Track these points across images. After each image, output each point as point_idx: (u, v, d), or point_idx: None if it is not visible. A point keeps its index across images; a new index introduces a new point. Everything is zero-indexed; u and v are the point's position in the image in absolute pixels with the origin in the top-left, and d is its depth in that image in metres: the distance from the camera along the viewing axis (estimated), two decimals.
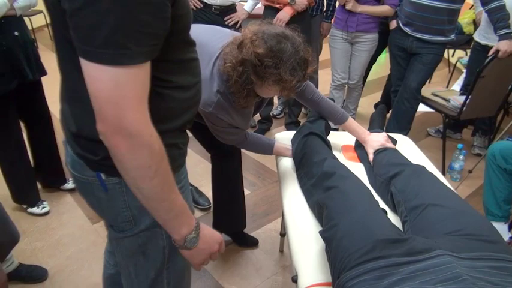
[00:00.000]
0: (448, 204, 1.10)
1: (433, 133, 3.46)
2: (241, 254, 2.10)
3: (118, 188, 0.88)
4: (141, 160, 0.74)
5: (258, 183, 2.71)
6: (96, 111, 0.71)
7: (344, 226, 1.04)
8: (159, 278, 1.03)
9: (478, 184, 2.72)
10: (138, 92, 0.71)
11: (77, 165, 0.90)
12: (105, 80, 0.67)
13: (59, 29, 0.76)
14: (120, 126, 0.70)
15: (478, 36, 2.95)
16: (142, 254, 0.98)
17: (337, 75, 3.06)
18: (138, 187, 0.78)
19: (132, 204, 0.90)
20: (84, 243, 2.10)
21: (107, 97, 0.68)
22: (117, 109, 0.69)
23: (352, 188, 1.22)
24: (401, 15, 2.74)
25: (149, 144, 0.73)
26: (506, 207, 2.13)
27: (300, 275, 1.15)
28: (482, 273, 0.84)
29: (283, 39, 1.25)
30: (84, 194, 0.95)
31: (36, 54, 2.05)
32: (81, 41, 0.67)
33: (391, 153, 1.51)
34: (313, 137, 1.59)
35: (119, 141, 0.71)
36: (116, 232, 0.97)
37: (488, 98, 2.71)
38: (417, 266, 0.85)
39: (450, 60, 4.93)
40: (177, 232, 0.87)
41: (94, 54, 0.66)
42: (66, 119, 0.89)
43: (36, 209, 2.26)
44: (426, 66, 2.76)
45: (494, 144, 2.13)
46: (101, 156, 0.83)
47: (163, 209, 0.82)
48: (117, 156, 0.74)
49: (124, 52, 0.66)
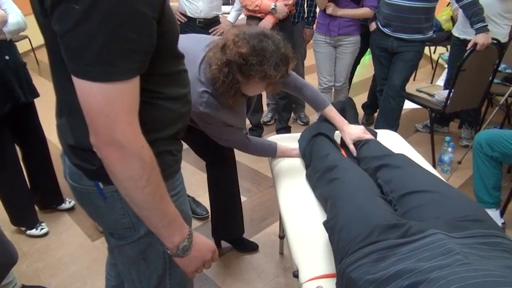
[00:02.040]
0: (434, 189, 1.14)
1: (421, 128, 3.53)
2: (242, 259, 2.12)
3: (116, 195, 0.90)
4: (132, 170, 0.77)
5: (253, 190, 2.74)
6: (89, 125, 0.75)
7: (344, 216, 1.09)
8: (162, 284, 1.05)
9: (468, 174, 2.78)
10: (128, 106, 0.74)
11: (75, 176, 0.93)
12: (95, 95, 0.71)
13: (53, 48, 0.79)
14: (112, 138, 0.74)
15: (456, 31, 3.05)
16: (143, 260, 1.01)
17: (323, 79, 3.13)
18: (130, 196, 0.81)
19: (130, 211, 0.92)
20: (85, 261, 2.11)
21: (98, 111, 0.72)
22: (108, 122, 0.73)
23: (352, 179, 1.28)
24: (380, 16, 2.83)
25: (140, 155, 0.77)
26: (497, 194, 2.19)
27: (300, 270, 1.18)
28: (473, 248, 0.88)
29: (264, 38, 1.32)
30: (83, 203, 0.98)
31: (28, 76, 2.09)
32: (72, 59, 0.71)
33: (372, 145, 1.57)
34: (320, 137, 1.65)
35: (111, 152, 0.75)
36: (116, 240, 1.00)
37: (471, 90, 2.79)
38: (412, 246, 0.90)
39: (432, 57, 5.04)
40: (170, 240, 0.89)
41: (84, 72, 0.70)
42: (63, 133, 0.92)
43: (35, 230, 2.27)
44: (408, 63, 2.84)
45: (480, 134, 2.19)
46: (98, 166, 0.86)
47: (155, 218, 0.85)
48: (110, 167, 0.77)
49: (112, 69, 0.70)
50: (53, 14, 0.69)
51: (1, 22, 1.89)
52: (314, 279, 1.13)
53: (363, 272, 0.89)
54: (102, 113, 0.72)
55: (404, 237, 0.94)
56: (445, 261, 0.82)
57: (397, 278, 0.82)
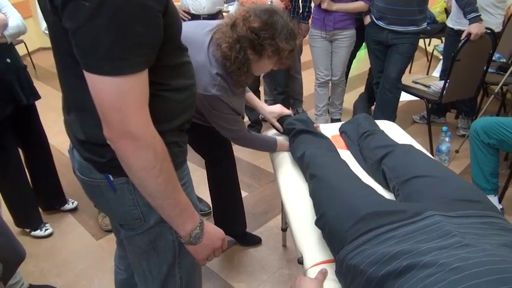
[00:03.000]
0: (434, 174, 1.17)
1: (418, 120, 3.57)
2: (245, 252, 2.15)
3: (126, 187, 0.93)
4: (146, 161, 0.80)
5: (254, 185, 2.77)
6: (102, 118, 0.77)
7: (331, 212, 1.11)
8: (171, 273, 1.07)
9: (466, 163, 2.81)
10: (139, 98, 0.77)
11: (84, 170, 0.96)
12: (108, 89, 0.74)
13: (62, 45, 0.81)
14: (125, 131, 0.76)
15: (450, 22, 3.08)
16: (153, 249, 1.03)
17: (320, 73, 3.15)
18: (144, 186, 0.84)
19: (140, 202, 0.95)
20: (91, 260, 2.13)
21: (111, 105, 0.75)
22: (121, 115, 0.75)
23: (330, 174, 1.29)
24: (374, 10, 2.85)
25: (153, 145, 0.80)
26: (494, 180, 2.23)
27: (304, 257, 1.21)
28: (469, 228, 0.91)
29: (273, 13, 1.36)
30: (93, 196, 1.01)
31: (29, 79, 2.11)
32: (84, 55, 0.73)
33: (378, 136, 1.59)
34: (298, 137, 1.66)
35: (124, 144, 0.78)
36: (126, 231, 1.02)
37: (466, 80, 2.82)
38: (410, 228, 0.92)
39: (427, 50, 5.07)
40: (182, 228, 0.92)
41: (96, 66, 0.73)
42: (72, 128, 0.95)
43: (39, 231, 2.29)
44: (403, 55, 2.87)
45: (476, 121, 2.22)
46: (108, 158, 0.89)
47: (168, 206, 0.88)
48: (124, 158, 0.80)
49: (123, 63, 0.73)
50: (64, 12, 0.71)
51: (2, 26, 1.91)
52: (318, 264, 1.15)
53: (364, 257, 0.91)
54: (115, 106, 0.75)
55: (401, 220, 0.97)
56: (443, 243, 0.84)
57: (395, 259, 0.84)
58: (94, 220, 2.42)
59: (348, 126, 1.77)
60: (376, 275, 0.83)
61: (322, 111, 3.33)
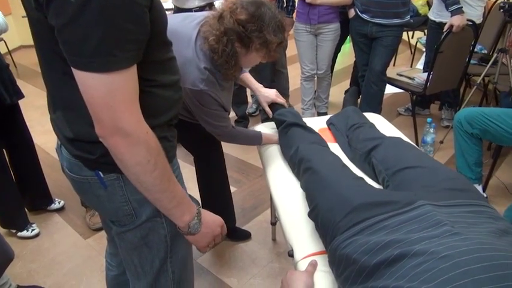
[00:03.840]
0: (423, 164, 1.19)
1: (403, 112, 3.61)
2: (235, 247, 2.16)
3: (117, 183, 0.93)
4: (139, 156, 0.80)
5: (243, 180, 2.77)
6: (93, 116, 0.77)
7: (323, 203, 1.12)
8: (163, 267, 1.07)
9: (450, 154, 2.87)
10: (129, 94, 0.77)
11: (74, 167, 0.94)
12: (97, 86, 0.73)
13: (46, 42, 0.80)
14: (117, 127, 0.76)
15: (432, 15, 3.12)
16: (145, 245, 1.02)
17: (305, 67, 3.16)
18: (140, 181, 0.84)
19: (131, 198, 0.95)
20: (79, 259, 2.11)
21: (102, 102, 0.74)
22: (112, 112, 0.75)
23: (323, 167, 1.30)
24: (358, 3, 2.87)
25: (145, 140, 0.80)
26: (478, 170, 2.27)
27: (295, 249, 1.22)
28: (459, 217, 0.92)
29: (261, 5, 1.34)
30: (84, 193, 1.00)
31: (11, 78, 2.07)
32: (72, 53, 0.72)
33: (367, 129, 1.61)
34: (290, 129, 1.66)
35: (117, 141, 0.78)
36: (118, 227, 1.01)
37: (449, 71, 2.86)
38: (401, 218, 0.93)
39: (411, 42, 5.13)
40: (181, 219, 0.93)
41: (84, 63, 0.72)
42: (59, 126, 0.93)
43: (26, 232, 2.26)
44: (387, 48, 2.89)
45: (460, 112, 2.26)
46: (98, 155, 0.88)
47: (166, 199, 0.88)
48: (118, 155, 0.80)
49: (111, 59, 0.72)
50: (49, 9, 0.70)
51: None
52: (308, 256, 1.16)
53: (356, 246, 0.92)
54: (105, 103, 0.74)
55: (392, 210, 0.98)
56: (433, 232, 0.85)
57: (387, 247, 0.86)
58: (81, 219, 2.39)
59: (337, 119, 1.78)
60: (368, 264, 0.84)
61: (308, 105, 3.34)
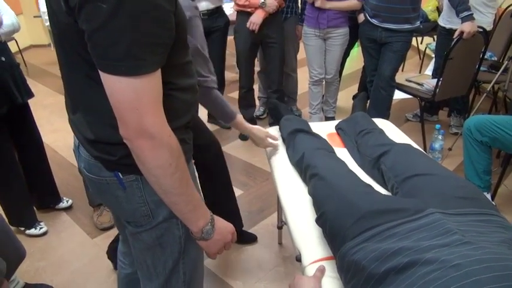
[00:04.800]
0: (433, 172, 1.19)
1: (411, 118, 3.60)
2: (242, 250, 2.16)
3: (135, 184, 0.94)
4: (162, 159, 0.82)
5: (249, 183, 2.78)
6: (119, 118, 0.79)
7: (331, 211, 1.12)
8: (175, 268, 1.08)
9: (459, 161, 2.85)
10: (155, 97, 0.79)
11: (93, 168, 0.96)
12: (124, 89, 0.75)
13: (72, 46, 0.82)
14: (142, 130, 0.78)
15: (442, 21, 3.11)
16: (159, 245, 1.04)
17: (314, 71, 3.17)
18: (159, 184, 0.85)
19: (149, 199, 0.96)
20: (86, 258, 2.13)
21: (128, 105, 0.76)
22: (138, 115, 0.77)
23: (330, 173, 1.30)
24: (368, 8, 2.87)
25: (169, 143, 0.82)
26: (487, 178, 2.26)
27: (302, 254, 1.22)
28: (469, 226, 0.92)
29: None
30: (102, 194, 1.01)
31: (22, 77, 2.09)
32: (101, 56, 0.74)
33: (376, 134, 1.60)
34: (297, 136, 1.67)
35: (141, 143, 0.80)
36: (134, 227, 1.03)
37: (459, 78, 2.85)
38: (411, 226, 0.93)
39: (420, 48, 5.11)
40: (195, 224, 0.94)
41: (113, 67, 0.74)
42: (79, 128, 0.95)
43: (34, 230, 2.28)
44: (396, 54, 2.89)
45: (469, 119, 2.25)
46: (119, 156, 0.90)
47: (183, 203, 0.90)
48: (141, 157, 0.82)
49: (140, 63, 0.74)
50: (81, 14, 0.72)
51: None
52: (316, 262, 1.16)
53: (365, 253, 0.92)
54: (132, 106, 0.76)
55: (402, 217, 0.98)
56: (444, 241, 0.85)
57: (397, 255, 0.85)
58: (89, 219, 2.41)
59: (346, 124, 1.78)
60: (378, 271, 0.84)
61: (316, 110, 3.34)
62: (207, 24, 2.98)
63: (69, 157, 3.09)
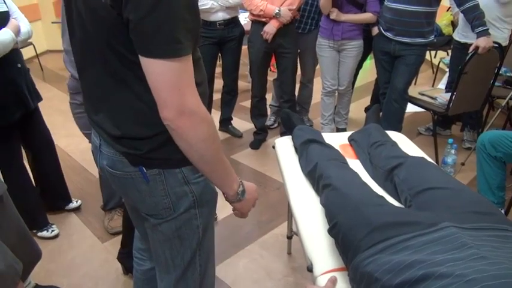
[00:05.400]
0: (448, 186, 1.18)
1: (424, 131, 3.58)
2: (251, 259, 2.15)
3: (158, 178, 0.99)
4: (204, 132, 0.89)
5: (259, 192, 2.74)
6: (161, 101, 0.85)
7: (344, 221, 1.12)
8: (193, 260, 1.13)
9: (472, 176, 2.82)
10: (191, 78, 0.87)
11: (118, 164, 1.00)
12: (167, 71, 0.82)
13: (105, 41, 0.87)
14: (184, 108, 0.85)
15: (457, 36, 3.10)
16: (178, 237, 1.08)
17: (327, 82, 3.17)
18: (201, 156, 0.93)
19: (171, 192, 1.01)
20: (96, 262, 2.14)
21: (171, 86, 0.83)
22: (180, 95, 0.84)
23: (343, 184, 1.31)
24: (382, 21, 2.88)
25: (206, 118, 0.90)
26: (501, 194, 2.23)
27: (314, 264, 1.21)
28: (484, 240, 0.91)
29: None
30: (125, 188, 1.05)
31: (32, 81, 2.14)
32: (146, 43, 0.81)
33: (389, 147, 1.60)
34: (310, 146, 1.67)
35: (184, 121, 0.86)
36: (155, 219, 1.06)
37: (473, 93, 2.84)
38: (425, 239, 0.93)
39: (433, 62, 5.10)
40: (232, 188, 1.03)
41: (158, 51, 0.81)
42: (103, 127, 1.00)
43: (46, 232, 2.30)
44: (410, 67, 2.89)
45: (484, 134, 2.23)
46: (145, 151, 0.96)
47: (221, 169, 0.98)
48: (184, 134, 0.88)
49: (180, 46, 0.82)
50: (128, 4, 0.78)
51: (17, 32, 1.94)
52: (328, 272, 1.16)
53: (379, 264, 0.91)
54: (174, 86, 0.83)
55: (416, 230, 0.97)
56: (459, 255, 0.84)
57: (411, 268, 0.85)
58: (100, 222, 2.43)
59: (359, 135, 1.78)
60: (391, 284, 0.83)
61: (328, 120, 3.34)
62: (223, 34, 3.04)
63: (82, 161, 3.12)
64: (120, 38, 0.83)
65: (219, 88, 3.45)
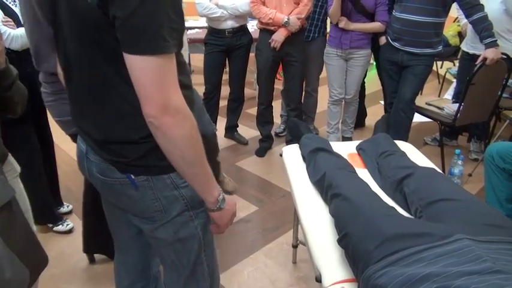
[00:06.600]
0: (459, 197, 1.17)
1: (430, 141, 3.56)
2: (255, 268, 2.14)
3: (147, 184, 0.99)
4: (186, 131, 0.88)
5: (265, 199, 2.76)
6: (145, 98, 0.84)
7: (355, 232, 1.11)
8: (199, 260, 1.14)
9: (479, 187, 2.80)
10: (175, 76, 0.86)
11: (107, 171, 1.00)
12: (152, 67, 0.82)
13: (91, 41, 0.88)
14: (168, 105, 0.84)
15: (465, 46, 3.10)
16: (178, 241, 1.08)
17: (334, 91, 3.17)
18: (183, 156, 0.90)
19: (160, 196, 1.00)
20: (100, 267, 2.13)
21: (155, 82, 0.83)
22: (164, 91, 0.84)
23: (353, 193, 1.30)
24: (390, 31, 2.88)
25: (189, 116, 0.89)
26: (509, 206, 2.21)
27: (323, 275, 1.20)
28: (499, 254, 0.90)
29: None
30: (116, 194, 1.05)
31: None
32: (132, 39, 0.81)
33: (398, 157, 1.59)
34: (318, 154, 1.66)
35: (167, 118, 0.85)
36: (149, 224, 1.06)
37: (480, 104, 2.83)
38: (439, 251, 0.91)
39: (439, 72, 5.09)
40: (212, 194, 1.00)
41: (143, 48, 0.81)
42: (89, 133, 1.00)
43: (61, 226, 2.31)
44: (418, 77, 2.88)
45: (492, 145, 2.22)
46: (132, 158, 0.95)
47: (202, 173, 0.96)
48: (167, 132, 0.86)
49: (165, 43, 0.82)
50: (115, 2, 0.79)
51: None
52: (337, 283, 1.14)
53: (391, 277, 0.90)
54: (159, 83, 0.83)
55: (429, 242, 0.96)
56: (473, 268, 0.83)
57: (425, 281, 0.84)
58: None
59: (367, 145, 1.77)
60: None
61: (334, 129, 3.34)
62: (231, 42, 3.05)
63: None
64: (105, 38, 0.84)
65: (225, 95, 3.46)
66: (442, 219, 1.11)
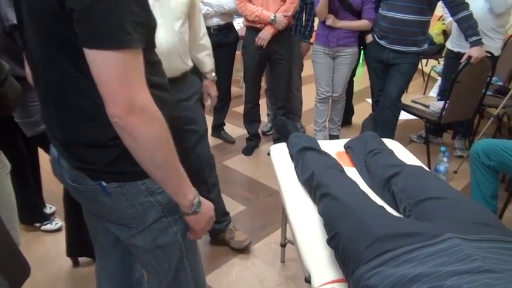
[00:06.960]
0: (447, 196, 1.17)
1: (416, 139, 3.59)
2: (243, 267, 2.12)
3: (120, 190, 0.95)
4: (154, 131, 0.82)
5: (252, 198, 2.75)
6: (109, 97, 0.79)
7: (344, 233, 1.10)
8: (181, 265, 1.10)
9: (464, 184, 2.83)
10: (141, 73, 0.81)
11: (78, 178, 0.97)
12: (115, 63, 0.77)
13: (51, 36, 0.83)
14: (134, 104, 0.79)
15: (450, 45, 3.13)
16: (157, 248, 1.04)
17: (321, 89, 3.17)
18: (153, 158, 0.85)
19: (135, 202, 0.97)
20: (85, 270, 2.09)
21: (119, 79, 0.77)
22: (128, 89, 0.78)
23: (342, 193, 1.29)
24: (376, 29, 2.89)
25: (158, 116, 0.83)
26: (494, 202, 2.23)
27: (312, 275, 1.19)
28: (489, 252, 0.90)
29: None
30: (89, 201, 1.02)
31: None
32: (91, 33, 0.76)
33: (386, 155, 1.59)
34: (306, 154, 1.65)
35: (133, 118, 0.79)
36: (126, 231, 1.03)
37: (465, 101, 2.86)
38: (429, 250, 0.91)
39: (424, 70, 5.14)
40: (186, 198, 0.94)
41: (104, 42, 0.76)
42: (56, 133, 0.96)
43: (49, 225, 2.27)
44: (404, 75, 2.90)
45: (477, 143, 2.24)
46: (99, 164, 0.91)
47: (174, 176, 0.91)
48: (134, 133, 0.81)
49: (128, 37, 0.77)
50: None
51: None
52: (327, 284, 1.14)
53: (382, 277, 0.89)
54: (123, 80, 0.77)
55: (419, 241, 0.96)
56: (464, 267, 0.83)
57: (416, 281, 0.83)
58: None
59: (355, 143, 1.77)
60: None
61: (321, 127, 3.34)
62: (217, 39, 3.01)
63: None
64: (63, 32, 0.79)
65: None
66: (431, 218, 1.11)
